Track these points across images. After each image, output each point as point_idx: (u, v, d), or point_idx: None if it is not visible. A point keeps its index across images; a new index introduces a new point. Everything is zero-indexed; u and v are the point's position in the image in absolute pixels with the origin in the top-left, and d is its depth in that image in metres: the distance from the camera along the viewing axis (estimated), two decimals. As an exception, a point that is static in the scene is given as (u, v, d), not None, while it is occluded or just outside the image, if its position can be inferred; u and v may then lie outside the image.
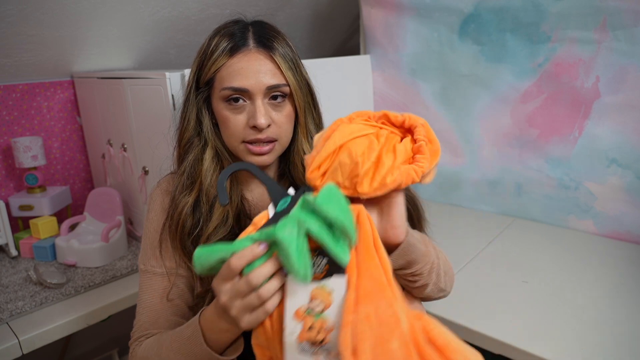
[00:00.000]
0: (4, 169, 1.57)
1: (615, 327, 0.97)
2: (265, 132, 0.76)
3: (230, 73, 0.76)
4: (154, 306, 0.80)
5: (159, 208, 0.85)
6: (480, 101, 1.53)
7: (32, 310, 1.13)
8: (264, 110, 0.75)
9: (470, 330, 0.99)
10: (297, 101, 0.79)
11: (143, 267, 0.83)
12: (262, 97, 0.76)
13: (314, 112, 0.84)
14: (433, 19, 1.53)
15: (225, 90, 0.76)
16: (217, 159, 0.82)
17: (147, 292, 0.82)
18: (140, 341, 0.78)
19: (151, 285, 0.82)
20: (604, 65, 1.27)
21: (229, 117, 0.77)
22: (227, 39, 0.77)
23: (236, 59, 0.75)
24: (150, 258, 0.83)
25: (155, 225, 0.84)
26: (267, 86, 0.75)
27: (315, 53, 2.26)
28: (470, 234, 1.46)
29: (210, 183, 0.80)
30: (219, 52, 0.76)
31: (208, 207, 0.79)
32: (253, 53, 0.76)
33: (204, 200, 0.80)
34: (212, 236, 0.78)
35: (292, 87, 0.77)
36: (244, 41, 0.76)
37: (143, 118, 1.28)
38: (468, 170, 1.63)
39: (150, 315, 0.80)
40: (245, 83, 0.75)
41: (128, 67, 1.69)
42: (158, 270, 0.82)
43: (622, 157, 1.31)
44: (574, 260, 1.26)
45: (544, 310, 1.03)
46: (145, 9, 1.49)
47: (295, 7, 1.91)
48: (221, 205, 0.77)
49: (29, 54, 1.44)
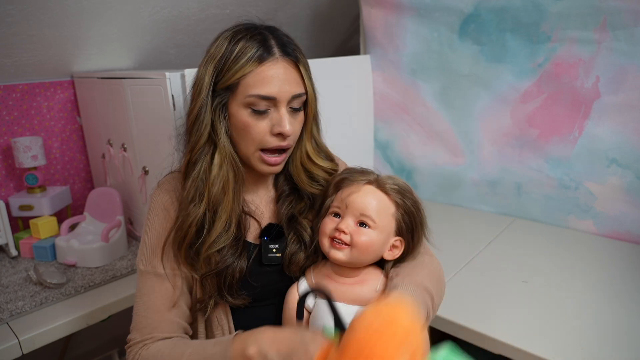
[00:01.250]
0: (4, 169, 1.57)
1: (615, 326, 0.97)
2: (287, 140, 0.79)
3: (258, 80, 0.75)
4: (157, 308, 0.79)
5: (160, 208, 0.84)
6: (480, 101, 1.53)
7: (32, 310, 1.13)
8: (288, 119, 0.77)
9: (470, 330, 0.99)
10: (311, 108, 0.82)
11: (143, 267, 0.82)
12: (286, 106, 0.77)
13: (318, 118, 0.88)
14: (433, 19, 1.53)
15: (251, 97, 0.75)
16: (226, 166, 0.80)
17: (148, 294, 0.80)
18: (145, 344, 0.77)
19: (152, 286, 0.80)
20: (604, 65, 1.27)
21: (251, 124, 0.77)
22: (254, 45, 0.76)
23: (265, 67, 0.75)
24: (152, 259, 0.81)
25: (157, 225, 0.83)
26: (293, 95, 0.77)
27: (315, 53, 2.26)
28: (470, 234, 1.46)
29: (218, 191, 0.79)
30: (247, 59, 0.75)
31: (211, 214, 0.79)
32: (280, 62, 0.77)
33: (210, 208, 0.79)
34: (215, 244, 0.78)
35: (309, 95, 0.81)
36: (271, 49, 0.76)
37: (143, 118, 1.28)
38: (468, 170, 1.63)
39: (153, 318, 0.79)
40: (273, 91, 0.75)
41: (128, 67, 1.69)
42: (160, 272, 0.80)
43: (622, 157, 1.31)
44: (574, 260, 1.26)
45: (544, 310, 1.03)
46: (145, 9, 1.49)
47: (295, 7, 1.91)
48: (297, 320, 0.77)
49: (29, 54, 1.44)
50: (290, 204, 0.87)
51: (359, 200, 0.76)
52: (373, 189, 0.78)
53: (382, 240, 0.77)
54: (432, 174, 1.73)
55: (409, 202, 0.79)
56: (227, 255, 0.79)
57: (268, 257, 0.83)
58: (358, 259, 0.76)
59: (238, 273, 0.79)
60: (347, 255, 0.76)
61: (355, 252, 0.75)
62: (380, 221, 0.76)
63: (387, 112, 1.76)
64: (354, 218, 0.76)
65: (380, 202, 0.77)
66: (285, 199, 0.87)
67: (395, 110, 1.74)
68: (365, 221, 0.76)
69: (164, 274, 0.80)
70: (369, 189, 0.78)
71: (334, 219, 0.78)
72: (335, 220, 0.78)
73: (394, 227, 0.78)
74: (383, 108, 1.77)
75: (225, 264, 0.78)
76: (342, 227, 0.75)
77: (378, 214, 0.76)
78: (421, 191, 1.76)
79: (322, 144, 0.90)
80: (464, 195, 1.68)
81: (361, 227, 0.76)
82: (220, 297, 0.80)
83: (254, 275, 0.81)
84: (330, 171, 0.89)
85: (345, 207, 0.77)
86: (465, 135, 1.60)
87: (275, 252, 0.83)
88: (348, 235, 0.75)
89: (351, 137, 1.75)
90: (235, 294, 0.80)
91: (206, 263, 0.79)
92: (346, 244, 0.75)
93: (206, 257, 0.78)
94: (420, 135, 1.71)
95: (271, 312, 0.85)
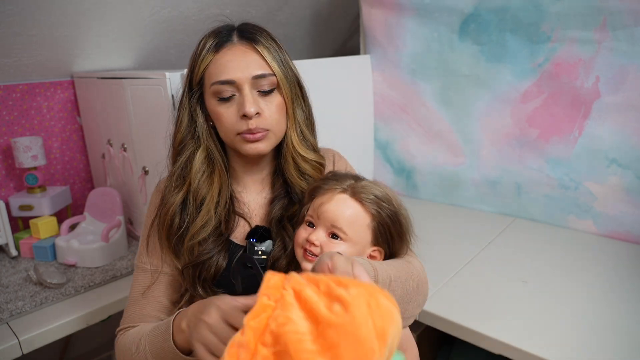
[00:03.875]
0: (4, 169, 1.57)
1: (615, 326, 0.97)
2: (255, 122, 0.77)
3: (216, 68, 0.78)
4: (139, 301, 0.84)
5: (154, 206, 0.87)
6: (480, 101, 1.53)
7: (32, 310, 1.13)
8: (251, 99, 0.76)
9: (470, 330, 0.99)
10: (284, 91, 0.80)
11: (136, 262, 0.88)
12: (250, 88, 0.77)
13: (303, 105, 0.85)
14: (433, 19, 1.53)
15: (214, 86, 0.78)
16: (208, 160, 0.84)
17: (134, 286, 0.86)
18: (125, 331, 0.82)
19: (137, 280, 0.86)
20: (604, 65, 1.27)
21: (221, 112, 0.79)
22: (212, 37, 0.80)
23: (221, 54, 0.78)
24: (142, 254, 0.87)
25: (148, 224, 0.87)
26: (253, 75, 0.77)
27: (315, 53, 2.26)
28: (470, 234, 1.46)
29: (199, 184, 0.82)
30: (205, 51, 0.79)
31: (195, 207, 0.82)
32: (237, 46, 0.78)
33: (191, 200, 0.82)
34: (197, 235, 0.81)
35: (278, 76, 0.79)
36: (228, 37, 0.79)
37: (143, 118, 1.28)
38: (468, 170, 1.63)
39: (134, 309, 0.84)
40: (231, 75, 0.77)
41: (128, 67, 1.69)
42: (147, 267, 0.86)
43: (622, 157, 1.31)
44: (574, 260, 1.26)
45: (544, 310, 1.03)
46: (145, 9, 1.49)
47: (295, 7, 1.91)
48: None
49: (29, 54, 1.44)
50: (282, 207, 0.86)
51: (330, 211, 0.73)
52: (346, 198, 0.74)
53: (354, 252, 0.73)
54: (432, 174, 1.73)
55: (385, 212, 0.74)
56: (207, 248, 0.81)
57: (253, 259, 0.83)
58: None
59: (214, 269, 0.80)
60: None
61: None
62: (353, 233, 0.72)
63: (387, 112, 1.76)
64: (325, 229, 0.73)
65: (353, 213, 0.73)
66: (278, 202, 0.87)
67: (395, 110, 1.74)
68: (337, 232, 0.72)
69: (148, 269, 0.85)
70: (342, 199, 0.74)
71: (307, 228, 0.76)
72: (309, 230, 0.75)
73: (370, 238, 0.75)
74: (383, 108, 1.77)
75: (203, 257, 0.80)
76: (312, 239, 0.73)
77: (350, 225, 0.72)
78: (421, 191, 1.76)
79: (308, 134, 0.87)
80: (464, 195, 1.68)
81: (333, 238, 0.73)
82: (193, 290, 0.81)
83: (234, 275, 0.82)
84: (317, 165, 0.87)
85: (317, 217, 0.74)
86: (465, 135, 1.60)
87: (261, 254, 0.82)
88: (318, 247, 0.72)
89: (351, 137, 1.75)
90: (208, 289, 0.81)
91: (189, 254, 0.81)
92: (317, 255, 0.72)
93: (189, 247, 0.81)
94: (420, 135, 1.71)
95: None
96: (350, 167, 0.95)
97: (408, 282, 0.73)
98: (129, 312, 0.84)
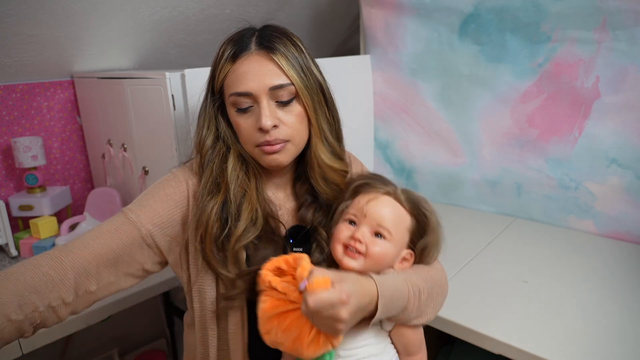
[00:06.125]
0: (4, 169, 1.57)
1: (615, 326, 0.97)
2: (274, 134, 0.76)
3: (234, 79, 0.76)
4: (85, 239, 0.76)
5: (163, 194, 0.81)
6: (480, 101, 1.53)
7: (32, 310, 1.13)
8: (268, 112, 0.75)
9: (470, 330, 0.99)
10: (304, 100, 0.77)
11: (124, 209, 0.81)
12: (268, 99, 0.75)
13: (327, 112, 0.82)
14: (433, 19, 1.53)
15: (232, 97, 0.77)
16: (240, 161, 0.82)
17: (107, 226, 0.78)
18: (47, 253, 0.74)
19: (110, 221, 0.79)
20: (604, 65, 1.27)
21: (240, 123, 0.78)
22: (232, 45, 0.77)
23: (238, 64, 0.76)
24: (136, 208, 0.80)
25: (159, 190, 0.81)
26: (270, 87, 0.75)
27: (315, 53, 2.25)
28: (470, 234, 1.46)
29: (237, 184, 0.79)
30: (224, 60, 0.77)
31: (236, 209, 0.78)
32: (254, 56, 0.76)
33: (232, 201, 0.78)
34: (242, 238, 0.77)
35: (296, 86, 0.76)
36: (246, 45, 0.76)
37: (143, 118, 1.28)
38: (468, 170, 1.63)
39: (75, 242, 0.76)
40: (248, 87, 0.75)
41: (128, 67, 1.69)
42: (131, 217, 0.78)
43: (622, 157, 1.31)
44: (574, 260, 1.26)
45: (544, 310, 1.03)
46: (145, 9, 1.49)
47: (295, 7, 1.91)
48: None
49: (29, 54, 1.44)
50: (314, 213, 0.85)
51: (377, 210, 0.75)
52: (392, 201, 0.77)
53: (395, 252, 0.76)
54: (432, 174, 1.73)
55: (425, 217, 0.77)
56: (265, 252, 0.79)
57: None
58: (370, 269, 0.74)
59: None
60: (361, 265, 0.74)
61: (369, 262, 0.74)
62: (397, 234, 0.75)
63: (387, 112, 1.76)
64: (370, 228, 0.75)
65: (398, 215, 0.76)
66: (309, 207, 0.85)
67: (395, 110, 1.74)
68: (382, 232, 0.74)
69: (135, 225, 0.78)
70: (388, 200, 0.77)
71: (349, 226, 0.76)
72: (351, 228, 0.76)
73: (407, 240, 0.78)
74: (383, 108, 1.77)
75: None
76: (358, 236, 0.74)
77: (395, 226, 0.75)
78: (421, 191, 1.74)
79: (333, 143, 0.85)
80: (464, 195, 1.68)
81: (376, 237, 0.75)
82: (252, 295, 0.75)
83: None
84: (342, 173, 0.86)
85: (362, 215, 0.75)
86: (465, 135, 1.60)
87: None
88: (364, 244, 0.74)
89: (351, 137, 1.74)
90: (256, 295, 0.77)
91: (234, 259, 0.77)
92: (361, 253, 0.74)
93: (234, 252, 0.77)
94: (420, 135, 1.71)
95: None
96: (366, 169, 0.94)
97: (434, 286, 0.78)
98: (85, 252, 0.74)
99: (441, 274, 0.82)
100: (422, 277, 0.77)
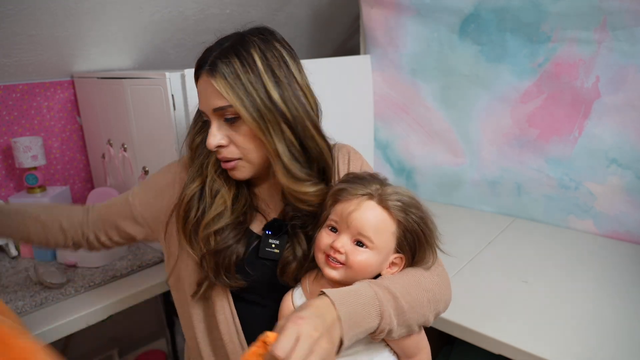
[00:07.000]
0: (4, 169, 1.57)
1: (615, 326, 0.97)
2: (222, 153, 0.79)
3: (197, 94, 0.81)
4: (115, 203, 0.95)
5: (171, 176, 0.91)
6: (480, 101, 1.53)
7: (32, 310, 1.13)
8: (214, 132, 0.78)
9: (470, 330, 0.99)
10: (246, 122, 0.74)
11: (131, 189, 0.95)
12: (217, 118, 0.78)
13: (287, 132, 0.76)
14: (433, 19, 1.53)
15: None
16: None
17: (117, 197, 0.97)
18: None
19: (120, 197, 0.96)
20: (604, 65, 1.27)
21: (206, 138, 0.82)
22: (198, 61, 0.80)
23: (198, 83, 0.80)
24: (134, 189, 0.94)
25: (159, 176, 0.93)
26: (213, 108, 0.77)
27: (315, 53, 2.26)
28: (470, 234, 1.46)
29: (213, 177, 0.84)
30: (194, 73, 0.81)
31: (210, 198, 0.84)
32: (204, 76, 0.77)
33: (207, 191, 0.84)
34: (211, 224, 0.82)
35: (235, 108, 0.74)
36: (204, 63, 0.77)
37: (143, 118, 1.28)
38: (468, 170, 1.63)
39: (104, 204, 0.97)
40: (201, 106, 0.80)
41: (128, 67, 1.69)
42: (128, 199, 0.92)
43: (622, 157, 1.31)
44: (574, 260, 1.26)
45: (544, 310, 1.03)
46: (145, 9, 1.49)
47: (295, 7, 1.91)
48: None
49: (29, 54, 1.44)
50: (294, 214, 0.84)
51: (357, 218, 0.71)
52: (373, 205, 0.72)
53: (379, 259, 0.73)
54: (432, 174, 1.73)
55: (412, 219, 0.72)
56: (227, 237, 0.82)
57: (266, 250, 0.84)
58: (353, 278, 0.71)
59: (235, 256, 0.81)
60: (342, 275, 0.72)
61: (350, 272, 0.71)
62: (379, 241, 0.71)
63: (387, 112, 1.77)
64: (350, 236, 0.72)
65: (381, 220, 0.72)
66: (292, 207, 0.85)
67: (395, 110, 1.74)
68: (363, 240, 0.71)
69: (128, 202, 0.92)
70: (369, 205, 0.72)
71: (330, 233, 0.74)
72: (332, 235, 0.73)
73: (393, 245, 0.74)
74: (383, 108, 1.77)
75: (223, 245, 0.81)
76: (337, 246, 0.71)
77: (377, 233, 0.71)
78: (421, 191, 1.76)
79: (294, 169, 0.78)
80: (464, 195, 1.68)
81: (358, 246, 0.72)
82: (215, 278, 0.81)
83: (250, 264, 0.83)
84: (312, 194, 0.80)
85: (342, 222, 0.72)
86: (465, 135, 1.60)
87: (274, 247, 0.83)
88: (343, 255, 0.71)
89: (351, 137, 1.74)
90: (231, 276, 0.82)
91: (205, 243, 0.82)
92: (341, 263, 0.71)
93: (205, 236, 0.82)
94: (420, 135, 1.71)
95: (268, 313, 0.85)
96: (367, 165, 0.92)
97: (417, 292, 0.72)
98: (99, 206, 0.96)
99: (436, 279, 0.76)
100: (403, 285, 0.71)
